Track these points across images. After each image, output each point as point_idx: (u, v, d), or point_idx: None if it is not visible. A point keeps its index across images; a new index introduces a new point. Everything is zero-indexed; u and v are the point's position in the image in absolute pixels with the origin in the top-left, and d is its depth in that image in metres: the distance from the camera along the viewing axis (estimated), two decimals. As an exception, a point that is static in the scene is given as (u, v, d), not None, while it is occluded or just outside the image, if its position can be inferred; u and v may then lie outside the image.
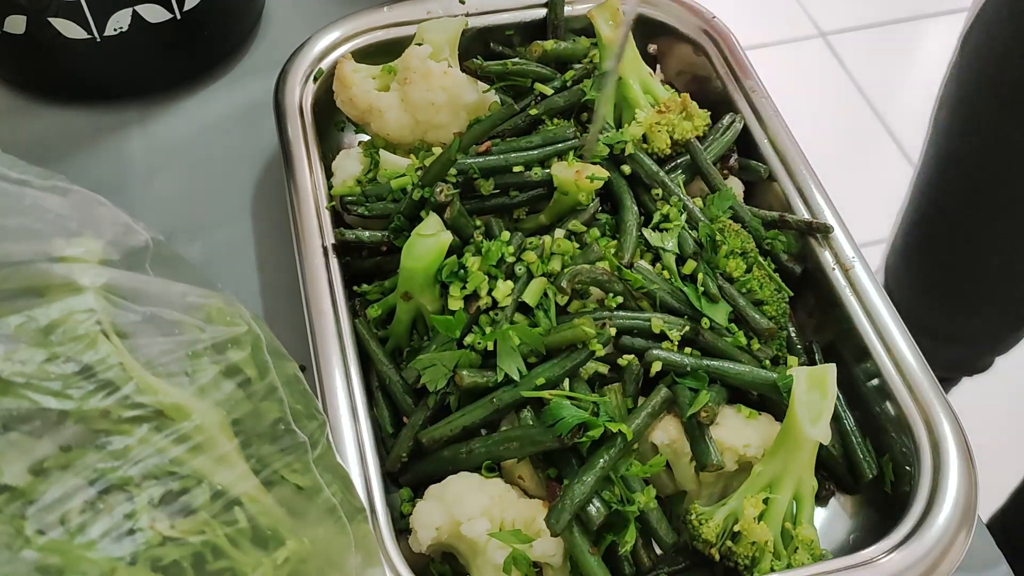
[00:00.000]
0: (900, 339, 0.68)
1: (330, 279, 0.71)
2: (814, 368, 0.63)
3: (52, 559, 0.39)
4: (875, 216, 1.39)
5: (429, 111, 0.78)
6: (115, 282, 0.46)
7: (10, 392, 0.41)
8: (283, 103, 0.82)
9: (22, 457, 0.40)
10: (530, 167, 0.74)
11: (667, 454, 0.65)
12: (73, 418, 0.41)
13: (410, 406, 0.67)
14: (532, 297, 0.67)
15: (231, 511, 0.44)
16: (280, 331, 0.54)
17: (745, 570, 0.62)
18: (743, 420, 0.66)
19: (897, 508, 0.63)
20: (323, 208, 0.76)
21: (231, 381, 0.47)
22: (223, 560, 0.43)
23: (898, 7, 2.48)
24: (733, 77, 0.85)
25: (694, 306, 0.69)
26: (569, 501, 0.60)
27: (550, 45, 0.84)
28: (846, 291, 0.71)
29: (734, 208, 0.75)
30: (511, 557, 0.59)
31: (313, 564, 0.47)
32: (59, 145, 0.90)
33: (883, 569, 0.59)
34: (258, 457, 0.47)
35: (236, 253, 0.83)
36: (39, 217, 0.46)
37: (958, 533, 0.60)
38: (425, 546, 0.61)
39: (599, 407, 0.62)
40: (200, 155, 0.90)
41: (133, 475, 0.42)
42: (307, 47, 0.85)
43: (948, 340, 1.30)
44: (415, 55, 0.79)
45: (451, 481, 0.63)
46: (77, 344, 0.43)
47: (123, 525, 0.41)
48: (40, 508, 0.40)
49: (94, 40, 0.85)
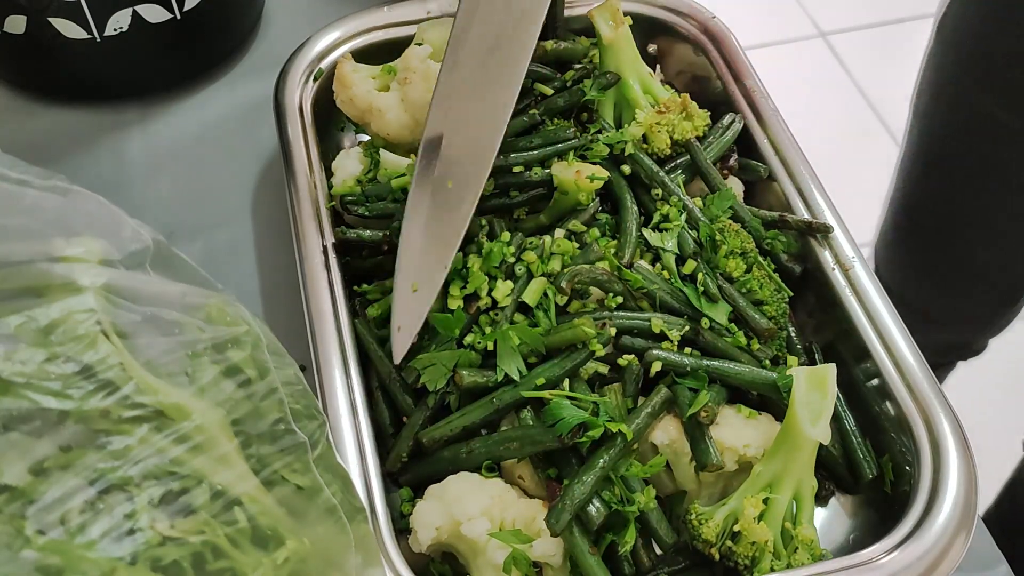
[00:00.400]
0: (900, 339, 0.68)
1: (330, 279, 0.71)
2: (814, 368, 0.63)
3: (52, 559, 0.39)
4: (875, 216, 1.39)
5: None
6: (115, 282, 0.46)
7: (10, 392, 0.41)
8: (283, 103, 0.82)
9: (22, 457, 0.40)
10: (530, 167, 0.74)
11: (667, 454, 0.65)
12: (73, 418, 0.41)
13: (410, 406, 0.67)
14: (532, 297, 0.67)
15: (231, 511, 0.44)
16: (280, 331, 0.54)
17: (745, 570, 0.62)
18: (743, 420, 0.66)
19: (897, 508, 0.63)
20: (323, 208, 0.76)
21: (231, 381, 0.47)
22: (223, 560, 0.43)
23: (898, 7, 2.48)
24: (733, 77, 0.85)
25: (694, 306, 0.69)
26: (569, 501, 0.60)
27: (550, 45, 0.84)
28: (846, 291, 0.71)
29: (734, 208, 0.75)
30: (511, 557, 0.59)
31: (313, 564, 0.47)
32: (59, 145, 0.90)
33: (883, 569, 0.59)
34: (258, 457, 0.47)
35: (236, 253, 0.83)
36: (39, 217, 0.46)
37: (958, 533, 0.60)
38: (425, 546, 0.61)
39: (599, 407, 0.62)
40: (200, 155, 0.90)
41: (133, 475, 0.42)
42: (307, 47, 0.85)
43: (940, 322, 1.30)
44: (415, 55, 0.79)
45: (451, 481, 0.63)
46: (77, 344, 0.43)
47: (123, 525, 0.41)
48: (40, 508, 0.40)
49: (94, 40, 0.85)
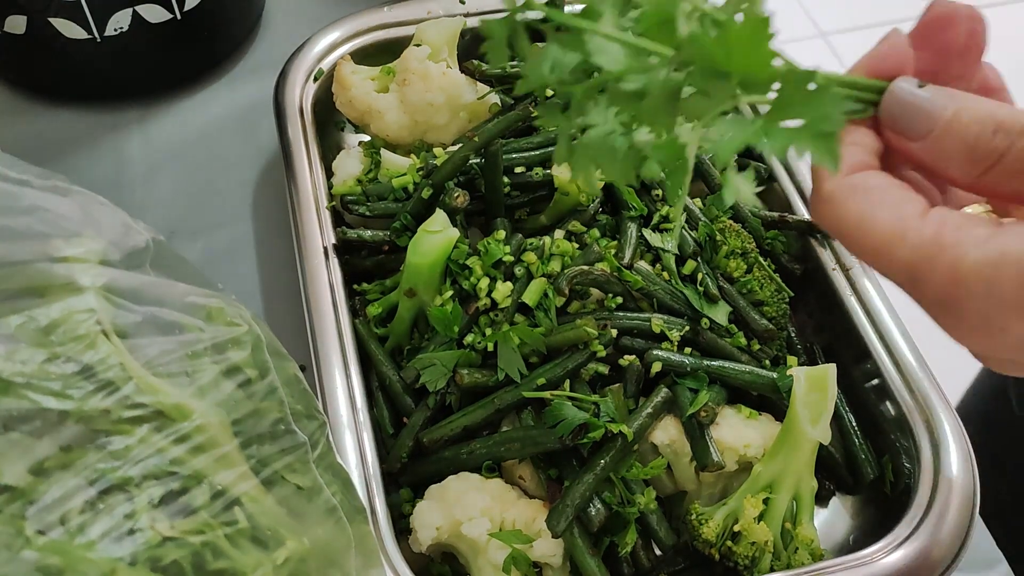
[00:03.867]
0: (900, 339, 0.68)
1: (330, 279, 0.71)
2: (814, 368, 0.63)
3: (52, 559, 0.39)
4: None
5: (428, 112, 0.78)
6: (115, 282, 0.46)
7: (10, 392, 0.41)
8: (283, 103, 0.82)
9: (22, 457, 0.40)
10: (531, 168, 0.74)
11: (667, 454, 0.65)
12: (73, 418, 0.41)
13: (410, 406, 0.67)
14: (532, 298, 0.67)
15: (231, 511, 0.44)
16: (280, 331, 0.54)
17: (745, 570, 0.62)
18: (743, 420, 0.66)
19: (897, 508, 0.63)
20: (323, 208, 0.76)
21: (231, 381, 0.47)
22: (223, 560, 0.43)
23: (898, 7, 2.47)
24: (733, 77, 0.85)
25: (694, 306, 0.69)
26: (570, 502, 0.60)
27: (550, 46, 0.84)
28: (846, 291, 0.71)
29: (734, 208, 0.75)
30: (511, 557, 0.59)
31: (313, 564, 0.47)
32: (59, 145, 0.90)
33: (883, 569, 0.59)
34: (258, 457, 0.47)
35: (236, 253, 0.83)
36: (39, 217, 0.46)
37: (958, 533, 0.60)
38: (425, 546, 0.61)
39: (600, 408, 0.62)
40: (200, 155, 0.90)
41: (133, 475, 0.42)
42: (307, 47, 0.85)
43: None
44: (414, 56, 0.79)
45: (451, 481, 0.63)
46: (77, 344, 0.43)
47: (123, 525, 0.41)
48: (40, 508, 0.40)
49: (94, 40, 0.85)
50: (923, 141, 0.38)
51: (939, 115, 0.37)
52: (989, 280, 0.34)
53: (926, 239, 0.35)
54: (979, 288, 0.34)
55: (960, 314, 0.35)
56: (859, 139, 0.39)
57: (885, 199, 0.37)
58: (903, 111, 0.38)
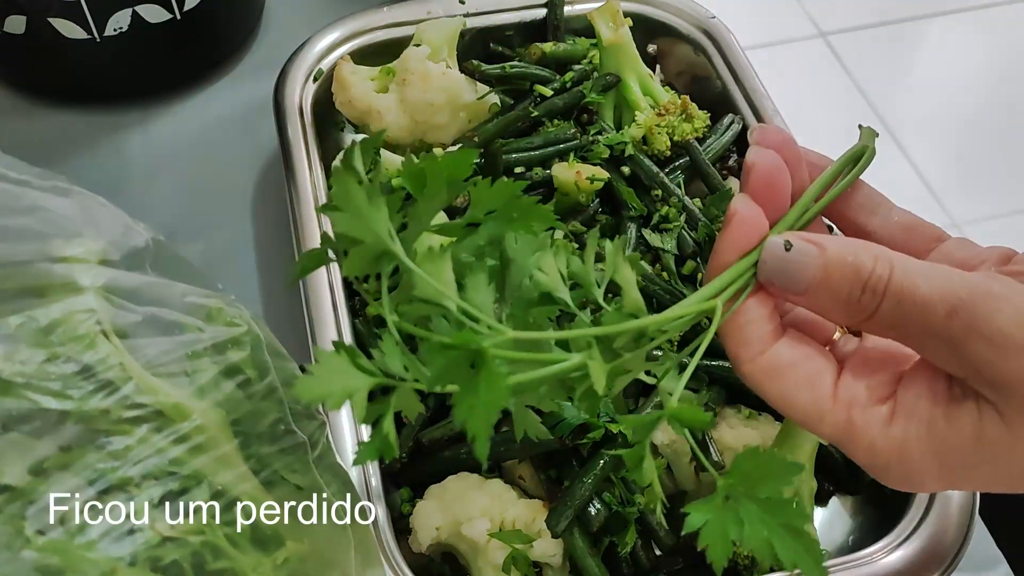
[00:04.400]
0: (900, 339, 0.68)
1: (330, 279, 0.71)
2: (814, 368, 0.63)
3: (52, 559, 0.39)
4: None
5: (427, 112, 0.78)
6: (115, 282, 0.46)
7: (10, 392, 0.41)
8: (283, 103, 0.82)
9: (22, 457, 0.40)
10: (531, 167, 0.74)
11: (667, 454, 0.65)
12: (73, 418, 0.41)
13: (410, 406, 0.67)
14: (532, 297, 0.67)
15: (231, 511, 0.44)
16: (280, 331, 0.54)
17: (745, 570, 0.62)
18: (743, 420, 0.66)
19: (897, 508, 0.63)
20: (323, 208, 0.76)
21: (231, 381, 0.47)
22: (223, 560, 0.43)
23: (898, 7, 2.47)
24: (733, 77, 0.85)
25: (694, 306, 0.69)
26: (569, 502, 0.60)
27: (549, 48, 0.84)
28: (846, 291, 0.71)
29: (734, 208, 0.75)
30: (511, 557, 0.59)
31: (313, 564, 0.47)
32: (59, 145, 0.90)
33: (883, 569, 0.59)
34: (258, 457, 0.47)
35: (236, 253, 0.83)
36: (39, 218, 0.46)
37: (958, 533, 0.60)
38: (425, 546, 0.61)
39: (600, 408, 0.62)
40: (200, 155, 0.90)
41: (133, 475, 0.42)
42: (307, 47, 0.85)
43: None
44: (413, 56, 0.79)
45: (451, 481, 0.63)
46: (77, 344, 0.43)
47: (123, 525, 0.41)
48: (40, 508, 0.40)
49: (94, 40, 0.85)
50: (803, 296, 0.40)
51: (811, 275, 0.40)
52: (900, 456, 0.39)
53: (840, 423, 0.39)
54: (893, 459, 0.39)
55: (884, 475, 0.40)
56: (754, 314, 0.41)
57: (799, 379, 0.40)
58: (776, 274, 0.41)
